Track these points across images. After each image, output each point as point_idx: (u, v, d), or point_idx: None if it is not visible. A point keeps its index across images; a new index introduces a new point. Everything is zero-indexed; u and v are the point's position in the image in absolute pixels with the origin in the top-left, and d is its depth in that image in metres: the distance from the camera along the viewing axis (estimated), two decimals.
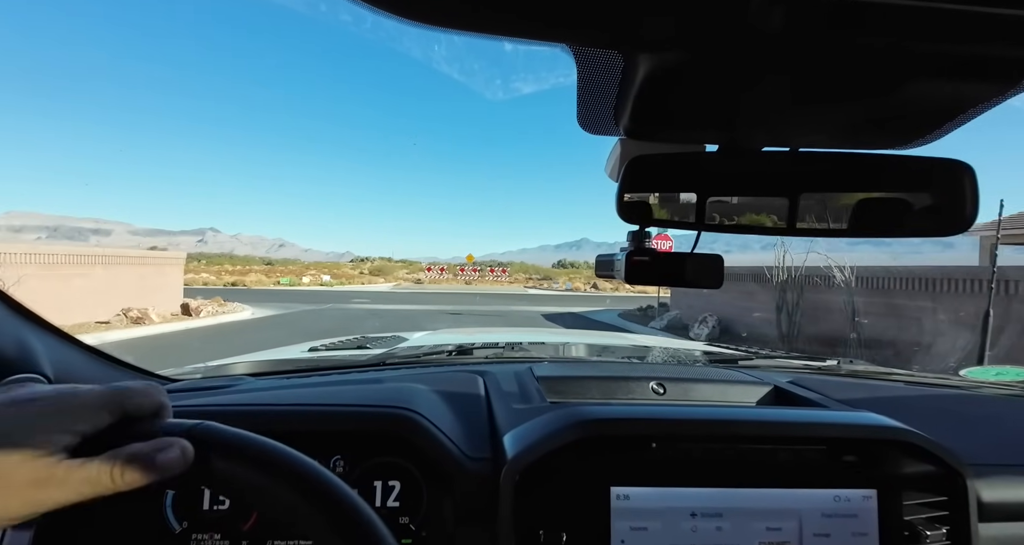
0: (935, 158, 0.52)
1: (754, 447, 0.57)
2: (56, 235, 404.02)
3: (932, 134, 0.49)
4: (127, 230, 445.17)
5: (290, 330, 9.06)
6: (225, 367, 0.98)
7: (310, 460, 0.36)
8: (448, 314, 12.62)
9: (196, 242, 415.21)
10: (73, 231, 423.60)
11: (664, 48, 0.36)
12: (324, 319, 10.98)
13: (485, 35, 0.33)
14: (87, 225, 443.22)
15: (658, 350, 1.25)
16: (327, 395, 0.72)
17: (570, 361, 1.11)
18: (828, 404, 0.78)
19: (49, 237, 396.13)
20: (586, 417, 0.57)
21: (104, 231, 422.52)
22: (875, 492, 0.56)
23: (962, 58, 0.35)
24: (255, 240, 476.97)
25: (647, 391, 0.82)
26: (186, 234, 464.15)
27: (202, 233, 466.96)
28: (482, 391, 0.79)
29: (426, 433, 0.61)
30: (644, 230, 0.58)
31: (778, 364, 1.11)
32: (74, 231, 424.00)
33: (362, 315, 12.07)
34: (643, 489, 0.54)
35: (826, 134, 0.51)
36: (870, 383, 1.00)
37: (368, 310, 13.49)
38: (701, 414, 0.60)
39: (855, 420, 0.61)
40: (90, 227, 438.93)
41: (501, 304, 17.48)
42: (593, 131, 0.54)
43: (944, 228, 0.53)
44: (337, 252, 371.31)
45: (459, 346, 1.17)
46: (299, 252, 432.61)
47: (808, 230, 0.54)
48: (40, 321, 0.62)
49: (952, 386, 1.04)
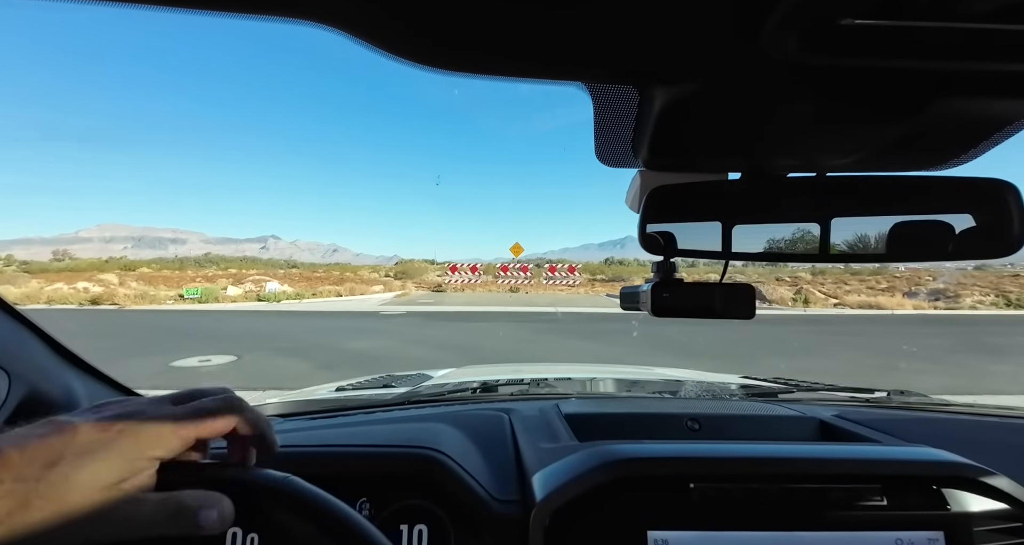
0: (974, 178, 0.48)
1: (802, 487, 0.52)
2: (141, 245, 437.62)
3: (967, 154, 0.47)
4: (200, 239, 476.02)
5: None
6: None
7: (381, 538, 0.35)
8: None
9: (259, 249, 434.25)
10: (155, 241, 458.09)
11: (679, 80, 0.36)
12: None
13: (502, 78, 0.33)
14: (167, 235, 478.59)
15: (691, 384, 1.16)
16: (352, 436, 0.70)
17: (598, 397, 1.04)
18: (880, 438, 0.74)
19: (135, 246, 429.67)
20: (618, 456, 0.54)
21: (181, 240, 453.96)
22: (942, 534, 0.51)
23: (986, 76, 0.34)
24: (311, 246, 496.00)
25: (681, 428, 0.79)
26: (251, 241, 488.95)
27: (264, 240, 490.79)
28: (508, 430, 0.76)
29: (452, 474, 0.60)
30: (669, 261, 0.55)
31: (821, 397, 1.04)
32: (155, 241, 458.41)
33: None
34: (682, 533, 0.50)
35: (853, 157, 0.49)
36: (925, 415, 0.93)
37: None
38: (742, 451, 0.56)
39: (912, 456, 0.57)
40: (169, 237, 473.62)
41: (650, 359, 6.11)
42: (612, 164, 0.52)
43: (992, 251, 0.49)
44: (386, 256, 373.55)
45: (484, 383, 1.13)
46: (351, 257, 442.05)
47: (843, 256, 0.52)
48: (81, 363, 0.62)
49: (1019, 418, 0.94)
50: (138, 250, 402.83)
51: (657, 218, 0.53)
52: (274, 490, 0.35)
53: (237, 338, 8.33)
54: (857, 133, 0.45)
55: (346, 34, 0.30)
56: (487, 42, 0.32)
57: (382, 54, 0.31)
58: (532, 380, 1.16)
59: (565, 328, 10.19)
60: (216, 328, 10.10)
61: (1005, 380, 5.47)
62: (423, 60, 0.32)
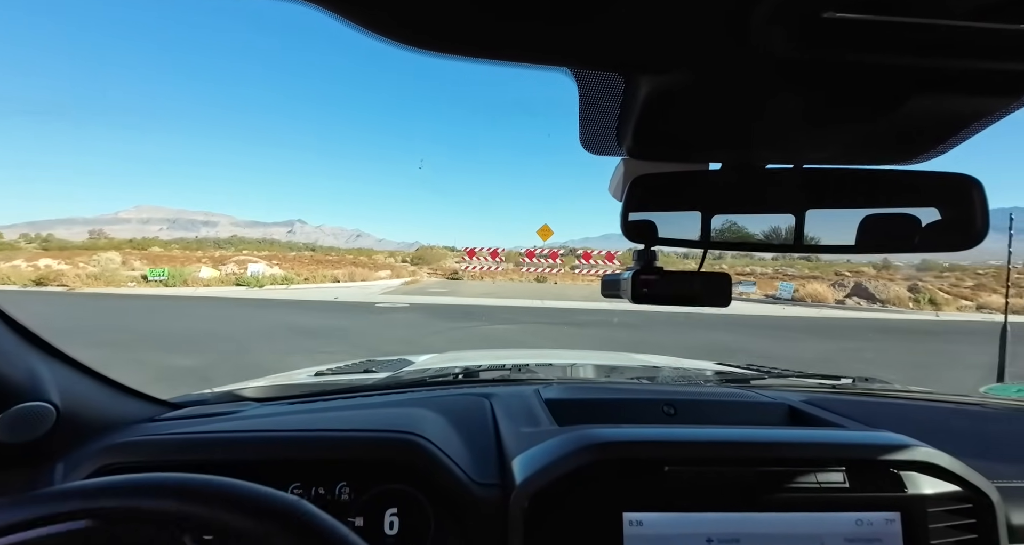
0: (942, 173, 0.50)
1: (771, 470, 0.54)
2: (175, 227, 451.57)
3: (936, 149, 0.48)
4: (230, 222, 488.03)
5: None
6: (230, 393, 0.93)
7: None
8: None
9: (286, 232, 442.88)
10: (188, 223, 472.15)
11: (665, 70, 0.36)
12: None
13: (489, 61, 0.33)
14: (199, 218, 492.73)
15: (668, 370, 1.20)
16: (332, 420, 0.69)
17: (578, 383, 1.05)
18: (845, 424, 0.75)
19: (169, 228, 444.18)
20: (596, 440, 0.55)
21: (212, 223, 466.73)
22: (899, 515, 0.53)
23: (962, 73, 0.34)
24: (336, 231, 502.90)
25: (658, 413, 0.80)
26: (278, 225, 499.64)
27: (291, 224, 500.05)
28: (489, 415, 0.76)
29: (433, 459, 0.60)
30: (650, 249, 0.56)
31: (791, 383, 1.06)
32: (188, 223, 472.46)
33: None
34: (657, 515, 0.52)
35: (830, 150, 0.50)
36: (887, 401, 0.97)
37: None
38: (715, 436, 0.58)
39: (874, 440, 0.58)
40: (201, 219, 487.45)
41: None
42: (596, 151, 0.53)
43: (955, 243, 0.50)
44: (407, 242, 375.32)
45: (465, 369, 1.11)
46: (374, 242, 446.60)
47: (815, 246, 0.53)
48: (48, 347, 0.60)
49: (972, 404, 0.99)
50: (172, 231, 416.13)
51: (639, 207, 0.53)
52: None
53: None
54: (836, 127, 0.45)
55: (334, 14, 0.30)
56: (474, 24, 0.31)
57: (370, 35, 0.31)
58: (513, 366, 1.15)
59: (655, 341, 7.03)
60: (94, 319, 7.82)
61: None
62: (409, 41, 0.31)
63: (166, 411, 0.77)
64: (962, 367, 5.84)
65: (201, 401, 0.88)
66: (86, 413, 0.63)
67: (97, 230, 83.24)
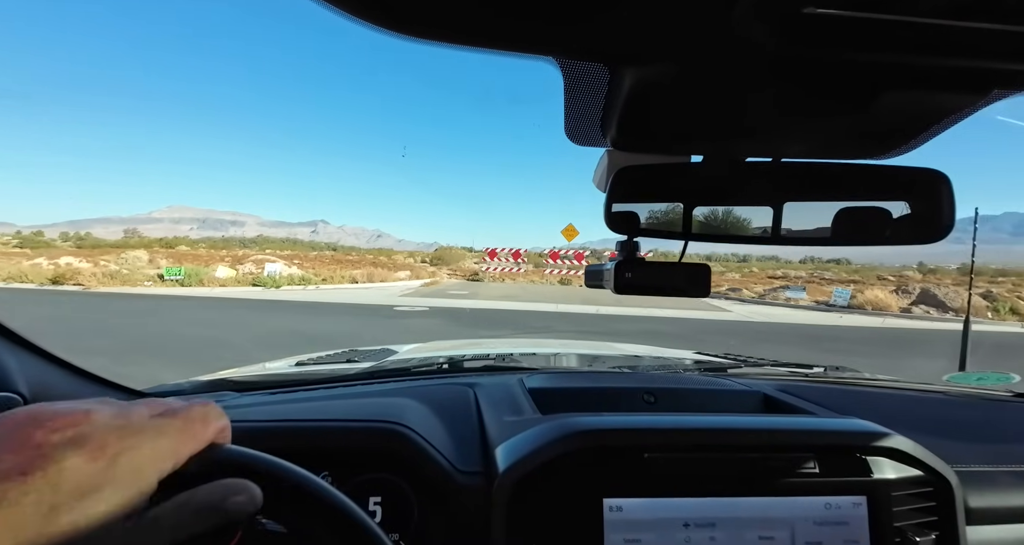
0: (913, 167, 0.51)
1: (745, 456, 0.55)
2: (204, 226, 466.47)
3: (908, 144, 0.49)
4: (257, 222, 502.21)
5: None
6: (207, 382, 0.91)
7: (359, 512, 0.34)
8: None
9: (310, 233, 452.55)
10: (216, 223, 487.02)
11: (649, 61, 0.36)
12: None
13: (473, 48, 0.33)
14: (227, 217, 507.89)
15: (649, 359, 1.21)
16: (314, 410, 0.69)
17: (561, 372, 1.06)
18: (816, 411, 0.76)
19: (199, 227, 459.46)
20: (578, 428, 0.55)
21: (239, 223, 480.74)
22: (865, 499, 0.54)
23: (935, 70, 0.36)
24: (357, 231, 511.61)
25: (638, 401, 0.81)
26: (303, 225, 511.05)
27: (314, 224, 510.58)
28: (473, 404, 0.76)
29: (416, 448, 0.60)
30: (632, 240, 0.57)
31: (766, 372, 1.08)
32: (217, 223, 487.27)
33: None
34: (636, 500, 0.52)
35: (808, 144, 0.51)
36: (856, 390, 0.98)
37: None
38: (692, 423, 0.59)
39: (843, 427, 0.60)
40: (229, 219, 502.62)
41: None
42: (580, 142, 0.53)
43: (923, 236, 0.52)
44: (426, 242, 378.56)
45: (449, 358, 1.11)
46: (394, 242, 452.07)
47: (791, 238, 0.54)
48: (13, 336, 0.58)
49: (936, 391, 1.02)
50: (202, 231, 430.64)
51: (623, 198, 0.54)
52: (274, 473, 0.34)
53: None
54: (813, 121, 0.46)
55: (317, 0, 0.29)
56: (459, 12, 0.31)
57: (355, 21, 0.30)
58: (497, 355, 1.15)
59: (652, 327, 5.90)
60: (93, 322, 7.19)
61: None
62: (394, 27, 0.31)
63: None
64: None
65: (177, 391, 0.86)
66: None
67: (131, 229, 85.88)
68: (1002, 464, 0.67)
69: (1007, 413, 0.92)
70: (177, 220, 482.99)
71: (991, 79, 0.37)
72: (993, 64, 0.33)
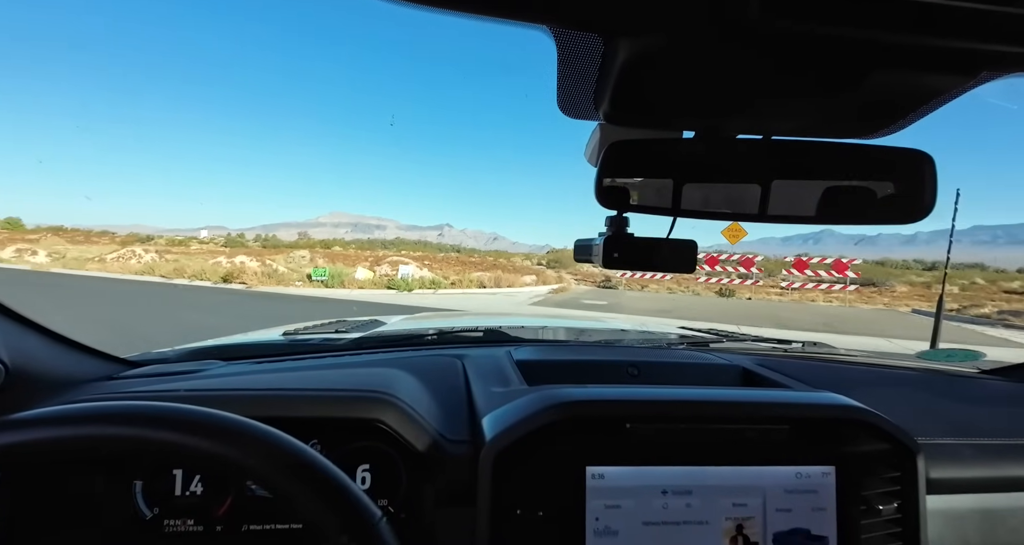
0: (898, 148, 0.51)
1: (722, 427, 0.57)
2: (356, 230, 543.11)
3: (895, 124, 0.49)
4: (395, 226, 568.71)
5: None
6: (193, 351, 0.90)
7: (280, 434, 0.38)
8: None
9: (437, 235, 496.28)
10: (365, 226, 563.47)
11: (643, 32, 0.36)
12: None
13: (466, 14, 0.33)
14: (373, 222, 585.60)
15: (634, 333, 1.19)
16: (302, 380, 0.69)
17: (548, 344, 1.06)
18: (792, 385, 0.77)
19: (352, 231, 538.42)
20: (563, 399, 0.56)
21: (382, 227, 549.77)
22: (833, 469, 0.56)
23: (922, 49, 0.36)
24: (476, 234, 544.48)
25: (623, 374, 0.83)
26: (431, 229, 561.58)
27: (440, 228, 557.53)
28: (461, 374, 0.77)
29: (405, 417, 0.60)
30: (622, 215, 0.57)
31: (747, 347, 1.09)
32: (366, 226, 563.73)
33: None
34: (617, 469, 0.54)
35: (798, 122, 0.51)
36: (832, 365, 1.00)
37: None
38: (673, 395, 0.60)
39: (816, 400, 0.61)
40: (375, 223, 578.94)
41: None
42: (573, 115, 0.53)
43: (904, 216, 0.52)
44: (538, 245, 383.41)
45: (438, 330, 1.10)
46: (508, 245, 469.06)
47: (779, 216, 0.54)
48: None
49: (907, 368, 1.03)
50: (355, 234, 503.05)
51: (614, 173, 0.54)
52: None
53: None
54: (803, 99, 0.46)
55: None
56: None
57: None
58: (486, 328, 1.15)
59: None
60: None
61: None
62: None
63: (125, 369, 0.75)
64: None
65: (162, 359, 0.84)
66: (38, 371, 0.61)
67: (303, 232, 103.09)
68: (964, 437, 0.70)
69: (972, 389, 0.94)
70: (336, 224, 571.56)
71: (981, 60, 0.36)
72: (983, 45, 0.33)
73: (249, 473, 0.35)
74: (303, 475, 0.35)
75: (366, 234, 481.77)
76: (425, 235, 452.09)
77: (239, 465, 0.36)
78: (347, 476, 0.37)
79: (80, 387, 0.65)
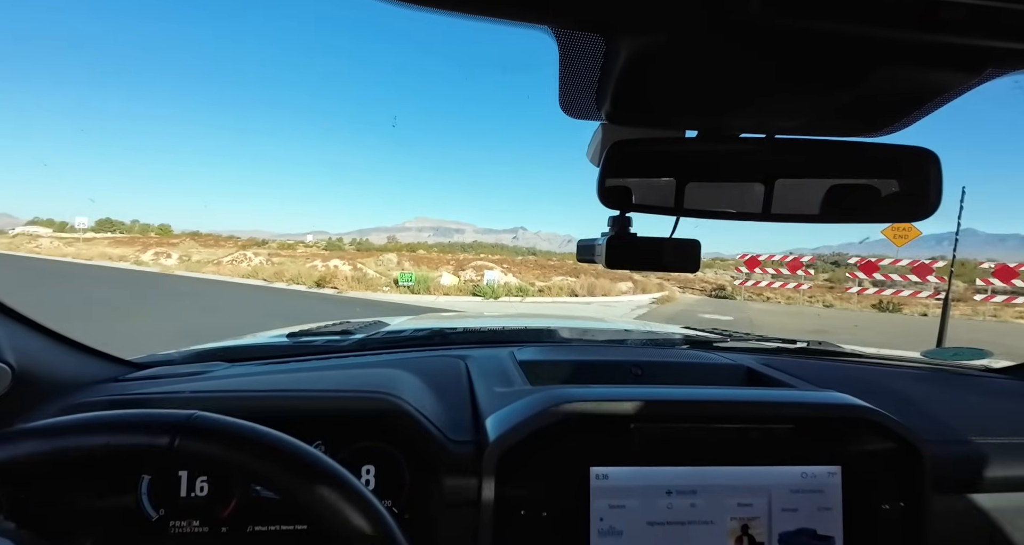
0: (903, 146, 0.51)
1: (726, 427, 0.56)
2: (437, 234, 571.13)
3: (900, 122, 0.49)
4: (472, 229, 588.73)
5: None
6: (198, 353, 0.89)
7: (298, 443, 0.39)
8: None
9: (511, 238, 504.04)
10: (445, 230, 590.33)
11: (644, 32, 0.36)
12: None
13: (468, 15, 0.33)
14: (452, 226, 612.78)
15: (637, 334, 1.17)
16: (307, 381, 0.70)
17: (552, 345, 1.05)
18: (796, 384, 0.75)
19: (433, 235, 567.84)
20: (566, 399, 0.56)
21: (461, 230, 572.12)
22: (839, 469, 0.56)
23: (926, 46, 0.36)
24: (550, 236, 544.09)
25: (626, 374, 0.82)
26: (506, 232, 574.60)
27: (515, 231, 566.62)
28: (464, 375, 0.77)
29: (409, 418, 0.61)
30: (625, 215, 0.57)
31: (751, 346, 1.09)
32: (446, 230, 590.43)
33: None
34: (621, 469, 0.54)
35: (801, 121, 0.51)
36: (837, 364, 0.99)
37: None
38: (677, 395, 0.60)
39: (821, 399, 0.60)
40: (454, 227, 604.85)
41: None
42: (575, 115, 0.53)
43: (910, 214, 0.52)
44: None
45: (441, 331, 1.12)
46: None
47: (782, 215, 0.54)
48: (1, 307, 0.59)
49: (913, 366, 1.03)
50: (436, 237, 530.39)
51: (616, 172, 0.54)
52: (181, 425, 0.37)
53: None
54: (806, 97, 0.45)
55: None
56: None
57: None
58: (489, 328, 1.15)
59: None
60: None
61: None
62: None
63: (130, 371, 0.75)
64: None
65: (167, 361, 0.84)
66: (45, 372, 0.62)
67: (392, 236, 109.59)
68: (971, 436, 0.69)
69: (979, 388, 0.93)
70: (420, 229, 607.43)
71: (987, 57, 0.35)
72: (989, 42, 0.32)
73: (255, 476, 0.37)
74: (311, 475, 0.37)
75: (446, 238, 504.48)
76: (500, 238, 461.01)
77: (278, 487, 0.38)
78: (355, 477, 0.39)
79: (86, 389, 0.65)
